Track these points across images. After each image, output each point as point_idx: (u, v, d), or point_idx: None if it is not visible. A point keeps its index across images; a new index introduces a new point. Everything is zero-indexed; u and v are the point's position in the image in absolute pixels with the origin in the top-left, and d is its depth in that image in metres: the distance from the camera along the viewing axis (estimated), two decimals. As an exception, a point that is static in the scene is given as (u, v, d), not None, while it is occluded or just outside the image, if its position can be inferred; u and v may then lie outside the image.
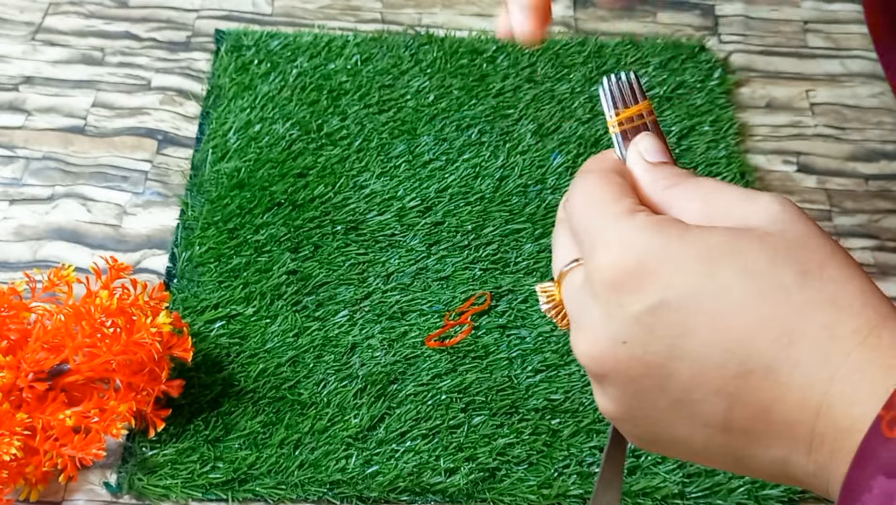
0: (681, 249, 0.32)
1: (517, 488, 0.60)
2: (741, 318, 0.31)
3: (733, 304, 0.31)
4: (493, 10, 0.89)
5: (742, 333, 0.31)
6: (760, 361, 0.30)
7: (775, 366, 0.30)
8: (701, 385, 0.32)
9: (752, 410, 0.31)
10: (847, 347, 0.30)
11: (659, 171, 0.37)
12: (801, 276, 0.31)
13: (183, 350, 0.59)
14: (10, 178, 0.75)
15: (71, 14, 0.86)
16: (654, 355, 0.32)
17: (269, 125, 0.78)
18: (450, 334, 0.67)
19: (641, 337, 0.32)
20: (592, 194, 0.35)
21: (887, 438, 0.28)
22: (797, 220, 0.33)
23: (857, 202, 0.77)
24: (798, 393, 0.30)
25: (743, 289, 0.31)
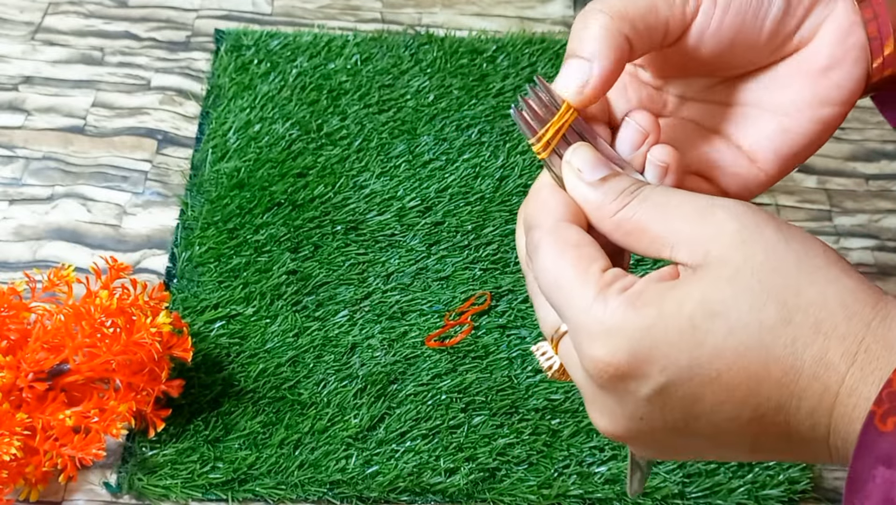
0: (664, 329, 0.32)
1: (517, 488, 0.60)
2: (741, 374, 0.32)
3: (730, 364, 0.32)
4: (492, 9, 0.89)
5: (746, 387, 0.32)
6: (769, 405, 0.32)
7: (783, 403, 0.32)
8: (723, 432, 0.34)
9: (774, 440, 0.33)
10: (841, 370, 0.31)
11: (603, 192, 0.36)
12: (782, 312, 0.32)
13: (183, 350, 0.59)
14: (9, 178, 0.75)
15: (70, 14, 0.86)
16: (674, 421, 0.34)
17: (269, 125, 0.78)
18: (450, 334, 0.67)
19: (657, 412, 0.34)
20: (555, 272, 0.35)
21: (881, 432, 0.30)
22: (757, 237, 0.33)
23: (857, 202, 0.77)
24: (808, 421, 0.32)
25: (734, 348, 0.32)
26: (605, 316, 0.33)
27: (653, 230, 0.35)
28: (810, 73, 0.39)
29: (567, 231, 0.36)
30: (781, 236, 0.33)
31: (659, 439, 0.35)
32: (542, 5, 0.90)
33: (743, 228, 0.33)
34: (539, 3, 0.90)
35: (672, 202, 0.35)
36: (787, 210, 0.76)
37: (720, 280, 0.32)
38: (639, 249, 0.35)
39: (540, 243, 0.36)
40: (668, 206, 0.35)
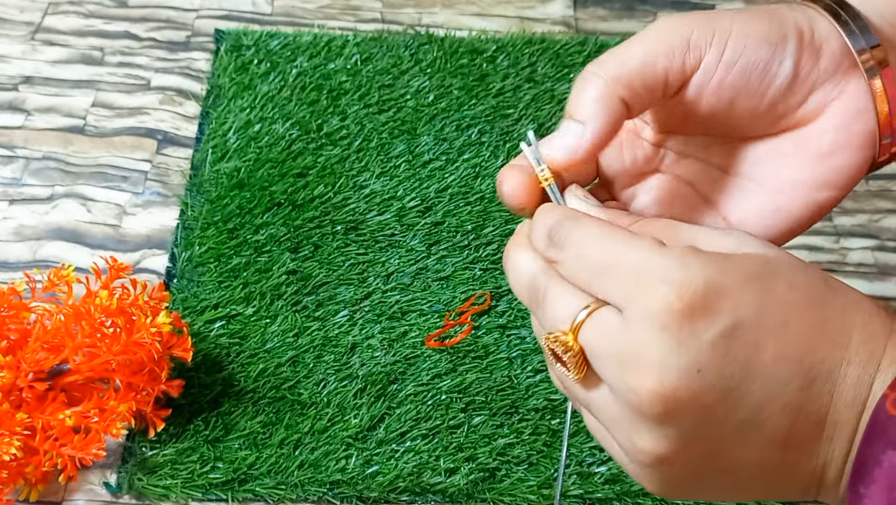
0: (736, 270, 0.32)
1: (517, 488, 0.60)
2: (801, 327, 0.32)
3: (793, 315, 0.32)
4: (493, 9, 0.89)
5: (805, 342, 0.32)
6: (822, 368, 0.32)
7: (833, 368, 0.32)
8: (771, 402, 0.32)
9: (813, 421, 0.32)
10: (882, 341, 0.32)
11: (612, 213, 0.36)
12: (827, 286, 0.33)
13: (183, 350, 0.59)
14: (9, 178, 0.75)
15: (70, 14, 0.86)
16: (729, 379, 0.32)
17: (269, 125, 0.78)
18: (450, 334, 0.67)
19: (717, 361, 0.31)
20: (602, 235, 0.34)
21: (892, 416, 0.30)
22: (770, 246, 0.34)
23: (857, 202, 0.77)
24: (851, 392, 0.32)
25: (796, 301, 0.32)
26: (671, 255, 0.32)
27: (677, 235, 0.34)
28: (811, 154, 0.38)
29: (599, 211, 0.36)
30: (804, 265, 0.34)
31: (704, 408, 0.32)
32: (542, 5, 0.90)
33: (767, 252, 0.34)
34: (539, 3, 0.90)
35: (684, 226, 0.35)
36: (787, 210, 0.76)
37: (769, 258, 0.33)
38: None
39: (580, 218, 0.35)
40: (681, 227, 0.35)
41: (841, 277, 0.72)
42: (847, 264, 0.73)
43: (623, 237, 0.33)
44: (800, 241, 0.74)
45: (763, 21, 0.36)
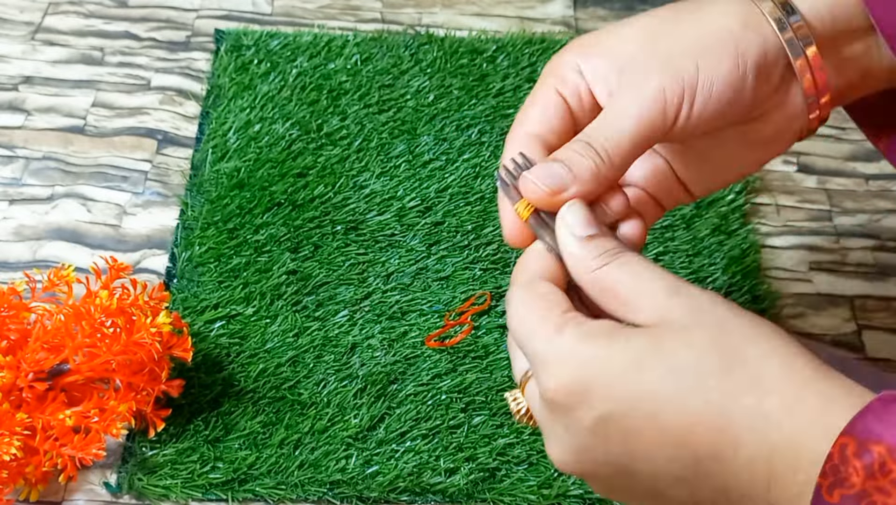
0: (608, 360, 0.35)
1: (517, 488, 0.60)
2: (677, 415, 0.34)
3: (668, 403, 0.34)
4: (493, 9, 0.89)
5: (682, 428, 0.34)
6: (706, 450, 0.34)
7: (720, 450, 0.33)
8: (662, 477, 0.35)
9: (712, 492, 0.35)
10: (778, 420, 0.33)
11: (587, 249, 0.39)
12: (724, 363, 0.34)
13: (183, 350, 0.59)
14: (9, 178, 0.75)
15: (70, 14, 0.86)
16: (616, 457, 0.36)
17: (269, 125, 0.78)
18: (450, 334, 0.67)
19: (600, 444, 0.36)
20: (522, 316, 0.38)
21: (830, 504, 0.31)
22: (715, 307, 0.36)
23: (857, 202, 0.77)
24: (747, 470, 0.33)
25: (673, 387, 0.34)
26: (558, 346, 0.36)
27: (622, 295, 0.37)
28: (755, 142, 0.45)
29: (538, 285, 0.39)
30: (734, 314, 0.36)
31: (605, 478, 0.37)
32: (542, 5, 0.90)
33: (700, 305, 0.36)
34: (539, 3, 0.90)
35: (645, 275, 0.37)
36: (788, 210, 0.76)
37: (670, 332, 0.35)
38: (609, 308, 0.38)
39: (512, 295, 0.40)
40: (641, 279, 0.37)
41: (841, 277, 0.72)
42: (847, 264, 0.73)
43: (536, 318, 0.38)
44: (800, 241, 0.74)
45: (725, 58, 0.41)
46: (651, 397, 0.34)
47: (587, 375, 0.35)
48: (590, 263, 0.38)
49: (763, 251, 0.73)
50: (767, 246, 0.74)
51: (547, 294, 0.39)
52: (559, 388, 0.36)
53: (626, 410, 0.35)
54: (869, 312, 0.71)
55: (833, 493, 0.31)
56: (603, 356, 0.35)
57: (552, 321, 0.37)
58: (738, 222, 0.74)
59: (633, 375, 0.34)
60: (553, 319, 0.37)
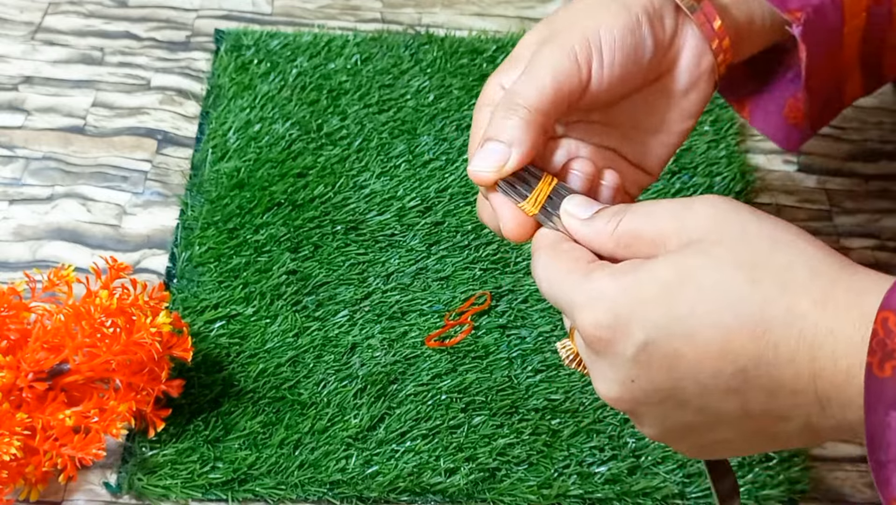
0: (639, 290, 0.36)
1: (517, 488, 0.60)
2: (713, 330, 0.35)
3: (702, 321, 0.35)
4: (492, 9, 0.89)
5: (719, 342, 0.35)
6: (748, 358, 0.34)
7: (760, 355, 0.34)
8: (710, 392, 0.36)
9: (763, 396, 0.35)
10: (813, 318, 0.33)
11: (598, 221, 0.41)
12: (751, 274, 0.35)
13: (183, 350, 0.59)
14: (9, 178, 0.75)
15: (70, 14, 0.86)
16: (662, 382, 0.37)
17: (269, 125, 0.78)
18: (450, 334, 0.67)
19: (644, 372, 0.37)
20: (548, 273, 0.40)
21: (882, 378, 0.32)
22: (733, 217, 0.37)
23: (857, 202, 0.77)
24: (790, 370, 0.34)
25: (704, 306, 0.35)
26: (590, 287, 0.38)
27: (646, 235, 0.39)
28: (674, 95, 0.48)
29: (561, 244, 0.42)
30: (755, 217, 0.37)
31: (656, 408, 0.38)
32: (541, 5, 0.90)
33: (718, 212, 0.37)
34: (539, 3, 0.90)
35: (655, 207, 0.39)
36: (788, 210, 0.76)
37: (694, 252, 0.36)
38: (642, 256, 0.39)
39: (537, 261, 0.42)
40: (654, 212, 0.39)
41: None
42: (847, 264, 0.73)
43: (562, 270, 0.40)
44: (800, 241, 0.74)
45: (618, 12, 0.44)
46: (685, 319, 0.35)
47: (620, 308, 0.36)
48: (607, 228, 0.40)
49: (763, 251, 0.73)
50: (767, 246, 0.74)
51: (570, 250, 0.41)
52: (596, 325, 0.37)
53: (663, 335, 0.36)
54: (869, 312, 0.70)
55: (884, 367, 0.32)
56: (633, 288, 0.36)
57: (579, 270, 0.39)
58: (738, 222, 0.74)
59: (664, 301, 0.35)
60: (580, 268, 0.39)
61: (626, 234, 0.39)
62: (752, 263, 0.35)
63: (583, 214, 0.42)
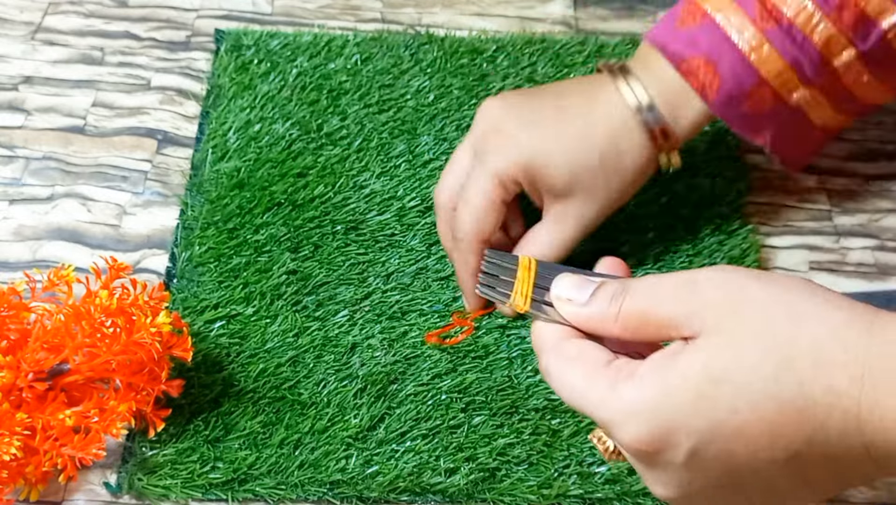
0: (674, 401, 0.35)
1: (517, 488, 0.60)
2: (760, 424, 0.34)
3: (746, 419, 0.34)
4: (493, 9, 0.89)
5: (769, 433, 0.34)
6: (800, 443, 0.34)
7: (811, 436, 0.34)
8: (769, 476, 0.36)
9: (821, 470, 0.35)
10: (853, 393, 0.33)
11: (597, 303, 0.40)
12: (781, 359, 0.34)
13: (183, 350, 0.59)
14: (9, 178, 0.75)
15: (70, 14, 0.86)
16: (719, 477, 0.37)
17: (269, 125, 0.78)
18: (450, 334, 0.67)
19: (700, 475, 0.36)
20: (566, 381, 0.39)
21: None
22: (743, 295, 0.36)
23: (857, 202, 0.77)
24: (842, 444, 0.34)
25: (745, 404, 0.34)
26: (620, 405, 0.36)
27: (654, 319, 0.38)
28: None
29: (566, 347, 0.40)
30: (766, 293, 0.36)
31: (715, 497, 0.38)
32: (542, 5, 0.90)
33: (729, 295, 0.36)
34: (539, 3, 0.90)
35: (658, 288, 0.38)
36: (787, 210, 0.76)
37: (719, 347, 0.35)
38: (651, 339, 0.39)
39: (548, 367, 0.41)
40: (658, 294, 0.38)
41: (841, 277, 0.72)
42: (847, 264, 0.73)
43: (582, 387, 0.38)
44: (800, 241, 0.74)
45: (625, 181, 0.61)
46: (729, 420, 0.35)
47: (660, 421, 0.36)
48: (609, 312, 0.39)
49: (763, 251, 0.73)
50: (767, 246, 0.74)
51: (580, 354, 0.39)
52: (640, 442, 0.36)
53: (710, 438, 0.35)
54: (869, 311, 0.70)
55: None
56: (666, 399, 0.36)
57: (600, 381, 0.38)
58: (738, 222, 0.74)
59: (703, 406, 0.35)
60: (599, 378, 0.38)
61: (631, 317, 0.38)
62: (778, 346, 0.34)
63: (580, 298, 0.40)
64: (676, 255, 0.72)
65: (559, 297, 0.41)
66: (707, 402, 0.35)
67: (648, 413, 0.36)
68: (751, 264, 0.71)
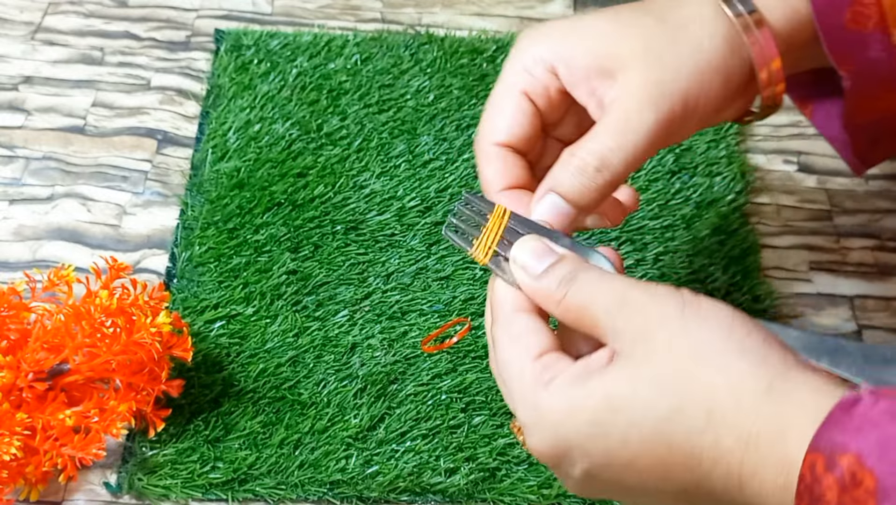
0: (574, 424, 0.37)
1: (517, 488, 0.60)
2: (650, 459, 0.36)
3: (638, 452, 0.36)
4: (493, 9, 0.89)
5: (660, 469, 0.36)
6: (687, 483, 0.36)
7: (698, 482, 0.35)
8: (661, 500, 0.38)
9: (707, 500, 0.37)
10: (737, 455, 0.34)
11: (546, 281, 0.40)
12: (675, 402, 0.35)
13: (183, 350, 0.59)
14: (9, 178, 0.75)
15: (70, 14, 0.86)
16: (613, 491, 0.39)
17: (269, 125, 0.78)
18: (449, 334, 0.67)
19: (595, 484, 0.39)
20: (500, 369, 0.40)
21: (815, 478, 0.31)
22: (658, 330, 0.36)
23: (857, 202, 0.77)
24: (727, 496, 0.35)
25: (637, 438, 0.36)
26: (531, 412, 0.38)
27: (587, 320, 0.39)
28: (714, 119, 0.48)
29: (514, 322, 0.41)
30: (680, 328, 0.36)
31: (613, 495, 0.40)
32: (542, 5, 0.90)
33: (647, 323, 0.37)
34: (539, 2, 0.90)
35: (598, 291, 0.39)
36: (788, 210, 0.76)
37: (623, 376, 0.36)
38: (587, 333, 0.39)
39: (494, 337, 0.41)
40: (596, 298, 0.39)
41: (841, 277, 0.72)
42: (847, 264, 0.73)
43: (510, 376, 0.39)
44: (800, 242, 0.74)
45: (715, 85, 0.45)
46: (620, 450, 0.36)
47: (558, 439, 0.37)
48: (555, 295, 0.40)
49: (763, 251, 0.73)
50: (767, 246, 0.74)
51: (520, 336, 0.40)
52: (540, 453, 0.39)
53: (603, 463, 0.37)
54: (869, 311, 0.71)
55: None
56: (570, 419, 0.37)
57: (525, 377, 0.39)
58: (738, 222, 0.74)
59: (600, 432, 0.36)
60: (526, 373, 0.39)
61: (571, 308, 0.39)
62: (674, 389, 0.35)
63: (534, 269, 0.41)
64: (676, 255, 0.72)
65: (516, 260, 0.41)
66: (602, 429, 0.36)
67: (551, 428, 0.37)
68: (751, 264, 0.71)
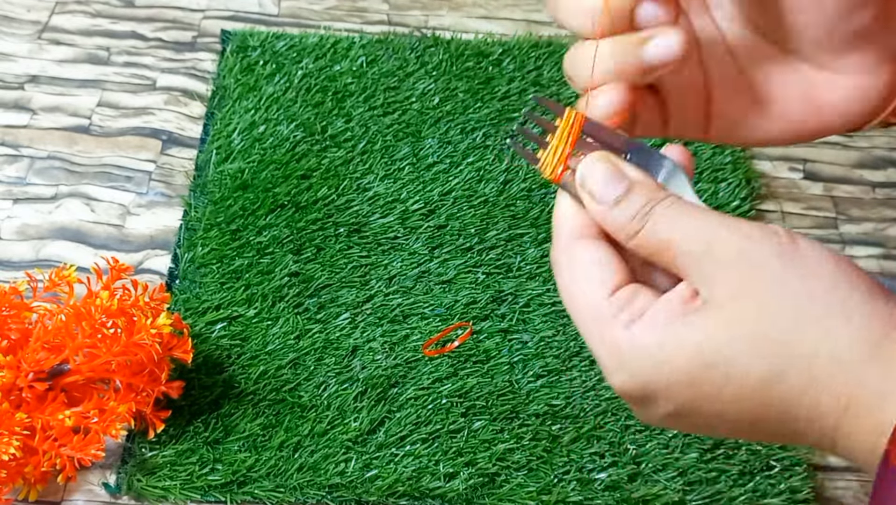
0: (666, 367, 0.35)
1: (516, 494, 0.60)
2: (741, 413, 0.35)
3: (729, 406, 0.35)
4: (499, 12, 0.89)
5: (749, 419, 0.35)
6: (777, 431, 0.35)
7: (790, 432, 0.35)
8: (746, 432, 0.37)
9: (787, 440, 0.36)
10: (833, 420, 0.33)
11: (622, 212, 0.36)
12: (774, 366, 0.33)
13: (183, 351, 0.59)
14: (14, 177, 0.75)
15: (77, 13, 0.86)
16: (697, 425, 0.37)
17: (274, 126, 0.77)
18: (450, 338, 0.66)
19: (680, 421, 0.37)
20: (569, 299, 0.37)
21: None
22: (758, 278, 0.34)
23: (863, 210, 0.77)
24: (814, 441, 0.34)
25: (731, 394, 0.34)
26: (616, 350, 0.36)
27: (665, 258, 0.36)
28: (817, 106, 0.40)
29: (579, 250, 0.37)
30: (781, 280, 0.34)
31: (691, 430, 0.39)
32: (548, 9, 0.90)
33: (739, 273, 0.34)
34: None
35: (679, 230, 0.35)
36: (793, 217, 0.76)
37: (715, 329, 0.34)
38: (665, 267, 0.37)
39: (557, 264, 0.38)
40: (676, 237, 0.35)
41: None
42: (852, 272, 0.73)
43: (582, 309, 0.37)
44: (805, 249, 0.74)
45: None
46: (712, 401, 0.35)
47: (647, 383, 0.36)
48: (629, 229, 0.36)
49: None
50: (772, 253, 0.74)
51: (591, 264, 0.37)
52: (623, 392, 0.37)
53: (691, 408, 0.36)
54: (874, 320, 0.70)
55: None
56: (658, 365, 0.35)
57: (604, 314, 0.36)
58: (743, 229, 0.73)
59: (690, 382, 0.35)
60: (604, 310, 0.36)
61: (647, 244, 0.36)
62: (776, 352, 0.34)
63: (605, 197, 0.36)
64: (680, 261, 0.71)
65: (584, 184, 0.37)
66: (694, 382, 0.35)
67: (638, 372, 0.35)
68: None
